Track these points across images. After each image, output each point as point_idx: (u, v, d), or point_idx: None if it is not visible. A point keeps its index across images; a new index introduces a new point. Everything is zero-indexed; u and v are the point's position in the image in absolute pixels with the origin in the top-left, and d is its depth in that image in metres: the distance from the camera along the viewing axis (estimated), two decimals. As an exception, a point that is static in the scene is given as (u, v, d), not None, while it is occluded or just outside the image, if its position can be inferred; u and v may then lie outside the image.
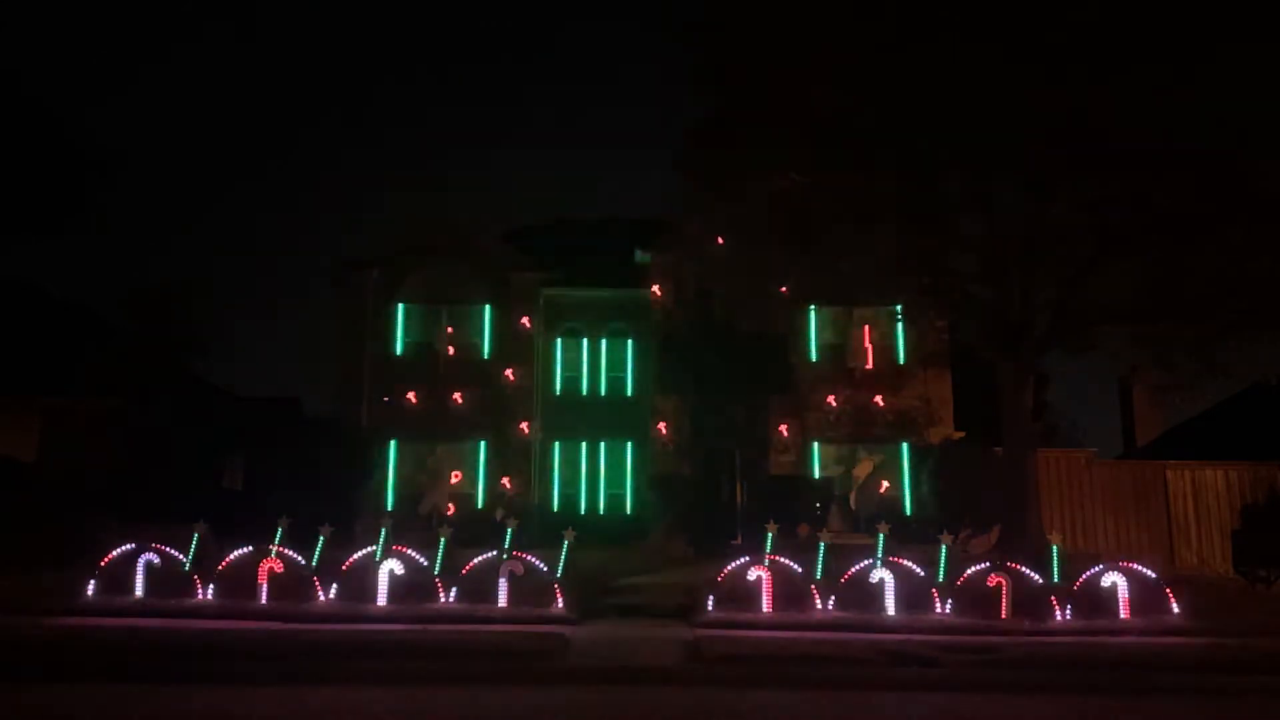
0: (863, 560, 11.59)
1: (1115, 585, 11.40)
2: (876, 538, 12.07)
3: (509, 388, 21.91)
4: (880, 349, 21.85)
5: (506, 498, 21.00)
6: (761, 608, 11.28)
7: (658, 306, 21.79)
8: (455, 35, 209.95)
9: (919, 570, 11.50)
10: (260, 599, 11.46)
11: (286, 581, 11.54)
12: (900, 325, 21.29)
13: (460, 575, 11.53)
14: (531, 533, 14.82)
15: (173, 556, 11.78)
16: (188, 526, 12.11)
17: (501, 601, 11.38)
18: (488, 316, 22.59)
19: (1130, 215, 14.72)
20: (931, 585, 11.41)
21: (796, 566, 11.50)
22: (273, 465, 20.56)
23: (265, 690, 8.00)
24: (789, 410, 21.30)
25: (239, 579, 11.59)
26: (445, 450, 21.80)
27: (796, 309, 21.38)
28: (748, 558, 11.69)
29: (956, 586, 11.36)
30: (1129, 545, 19.29)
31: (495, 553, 11.68)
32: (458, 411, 21.76)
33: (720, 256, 19.08)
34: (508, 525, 12.31)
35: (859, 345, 21.83)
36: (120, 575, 11.66)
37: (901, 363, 21.71)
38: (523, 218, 37.40)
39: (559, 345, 22.69)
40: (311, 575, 11.57)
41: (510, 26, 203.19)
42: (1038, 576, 11.44)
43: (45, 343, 21.66)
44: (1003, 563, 11.55)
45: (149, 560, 11.72)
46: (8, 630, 9.67)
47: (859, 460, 21.42)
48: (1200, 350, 15.23)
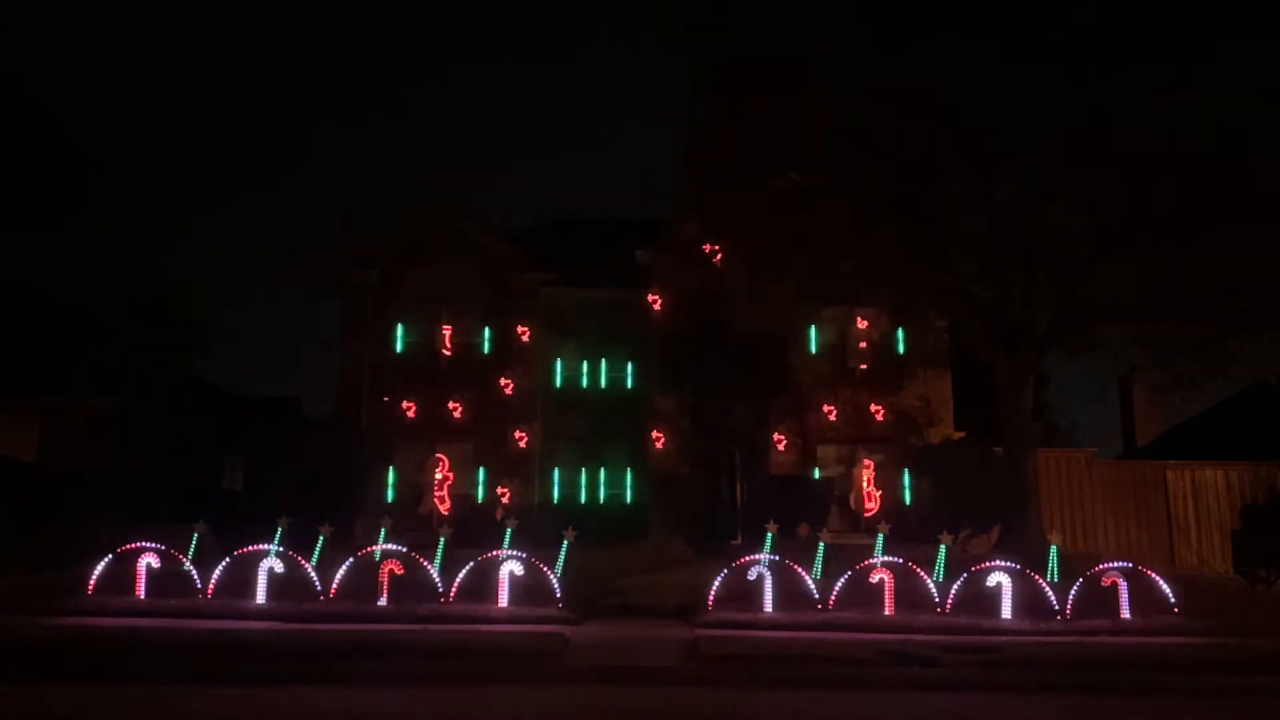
0: (863, 560, 11.61)
1: (1115, 585, 11.42)
2: (876, 538, 12.09)
3: (509, 388, 21.92)
4: (880, 349, 21.83)
5: (506, 498, 21.00)
6: (761, 608, 11.30)
7: (658, 306, 21.77)
8: (455, 35, 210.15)
9: (919, 570, 11.51)
10: (260, 599, 11.47)
11: (287, 581, 11.55)
12: (900, 325, 21.28)
13: (460, 575, 11.54)
14: (531, 533, 14.82)
15: (173, 557, 11.79)
16: (188, 526, 12.14)
17: (501, 601, 11.39)
18: (487, 317, 22.60)
19: (1130, 215, 14.74)
20: (931, 585, 11.42)
21: (796, 566, 11.51)
22: (273, 465, 20.60)
23: (265, 690, 7.98)
24: (789, 410, 21.29)
25: (239, 579, 11.61)
26: (445, 450, 21.80)
27: (796, 309, 21.36)
28: (748, 558, 11.70)
29: (956, 586, 11.37)
30: (1129, 545, 19.27)
31: (495, 553, 11.69)
32: (457, 411, 21.76)
33: (720, 256, 19.08)
34: (508, 525, 12.33)
35: (859, 345, 21.81)
36: (120, 575, 11.67)
37: (901, 363, 21.68)
38: (523, 218, 37.46)
39: (559, 345, 22.68)
40: (311, 575, 11.58)
41: (510, 26, 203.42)
42: (1038, 576, 11.45)
43: (45, 343, 21.65)
44: (1002, 563, 11.56)
45: (149, 560, 11.73)
46: (8, 630, 9.67)
47: (859, 460, 21.41)
48: (1200, 350, 15.24)
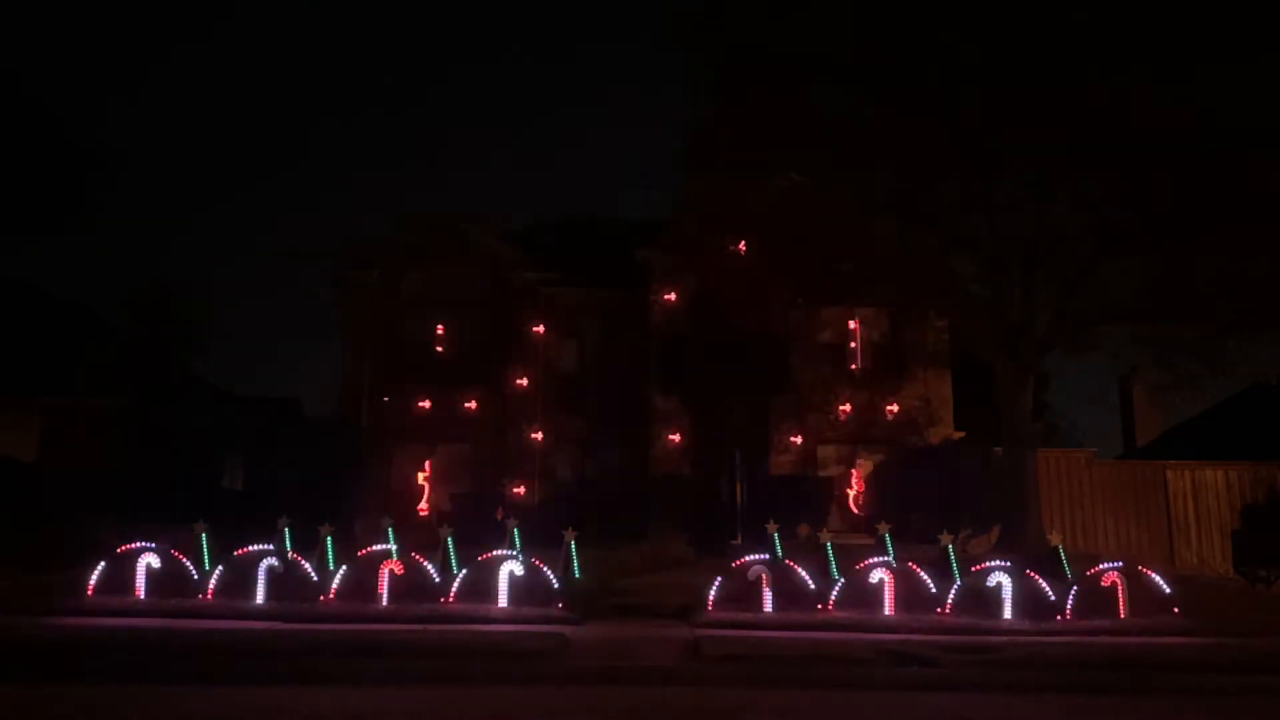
0: (862, 560, 11.60)
1: (1115, 585, 11.41)
2: (876, 538, 12.08)
3: (509, 387, 21.92)
4: (880, 349, 21.85)
5: (506, 498, 21.00)
6: (762, 608, 11.29)
7: (658, 306, 21.77)
8: (455, 34, 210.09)
9: (919, 570, 11.50)
10: (260, 599, 11.46)
11: (286, 581, 11.54)
12: (900, 325, 21.29)
13: (460, 575, 11.53)
14: (532, 532, 14.79)
15: (173, 556, 11.78)
16: (188, 526, 12.12)
17: (501, 601, 11.37)
18: (488, 316, 22.60)
19: (1130, 215, 14.75)
20: (931, 585, 11.41)
21: (797, 566, 11.51)
22: (273, 465, 20.62)
23: (265, 690, 7.98)
24: (789, 410, 21.30)
25: (239, 579, 11.60)
26: (445, 450, 21.80)
27: (796, 309, 21.37)
28: (748, 558, 11.69)
29: (956, 586, 11.36)
30: (1129, 545, 19.28)
31: (495, 552, 11.68)
32: (457, 411, 21.77)
33: (720, 256, 19.08)
34: (508, 525, 12.32)
35: (859, 345, 21.82)
36: (120, 575, 11.66)
37: (901, 363, 21.70)
38: (523, 217, 37.45)
39: (559, 345, 22.67)
40: (311, 575, 11.57)
41: (510, 26, 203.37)
42: (1037, 576, 11.45)
43: (45, 343, 21.67)
44: (1002, 562, 11.56)
45: (149, 560, 11.72)
46: (8, 630, 9.66)
47: (859, 460, 21.42)
48: (1200, 350, 15.25)
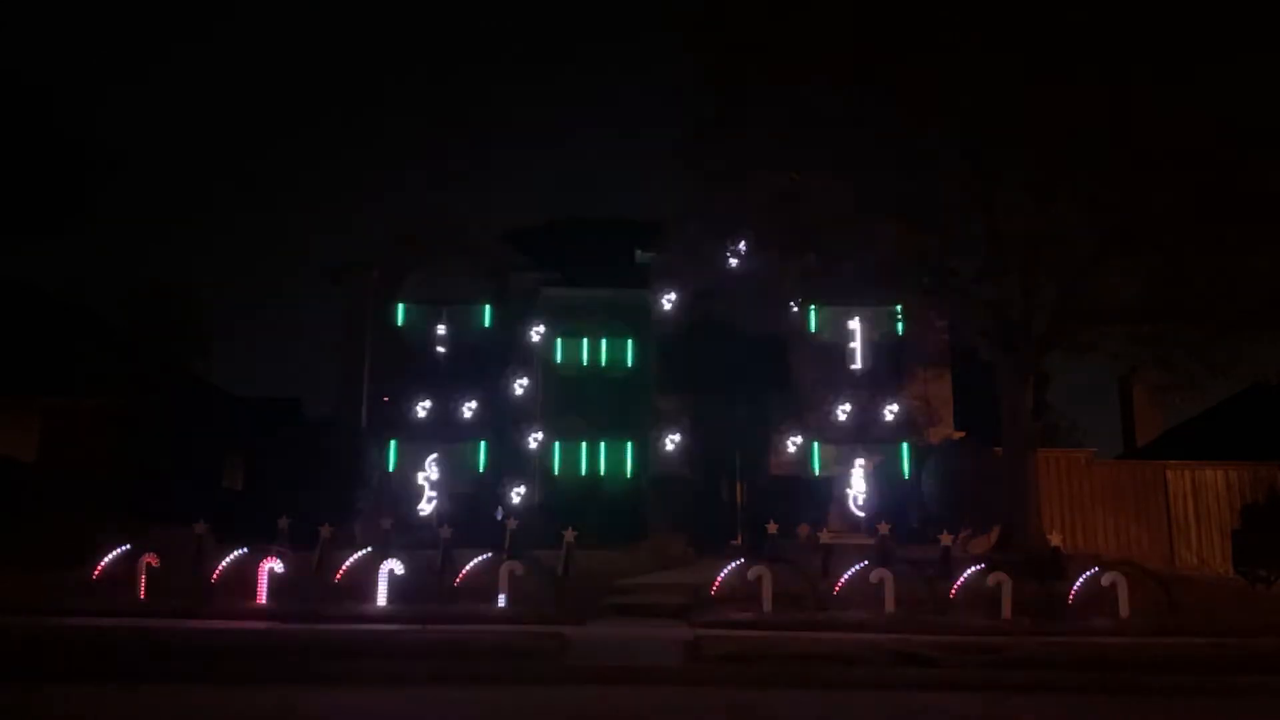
0: (862, 560, 11.60)
1: (1115, 585, 11.42)
2: (876, 538, 12.09)
3: (509, 387, 21.90)
4: (880, 349, 21.83)
5: (506, 498, 20.99)
6: (761, 607, 11.29)
7: (658, 307, 21.76)
8: (455, 34, 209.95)
9: (919, 570, 11.51)
10: (260, 599, 11.46)
11: (286, 581, 11.54)
12: (900, 325, 21.28)
13: (460, 575, 11.53)
14: (532, 532, 14.80)
15: (174, 556, 11.78)
16: (188, 526, 12.12)
17: (501, 601, 11.38)
18: (488, 317, 22.59)
19: (1130, 215, 14.73)
20: (931, 585, 11.42)
21: (797, 566, 11.51)
22: (273, 465, 20.58)
23: (265, 690, 7.98)
24: (789, 410, 21.27)
25: (239, 579, 11.61)
26: (445, 450, 21.79)
27: (796, 309, 21.36)
28: (748, 558, 11.70)
29: (957, 586, 11.36)
30: (1129, 545, 19.27)
31: (495, 553, 11.68)
32: (457, 411, 21.76)
33: (720, 256, 19.07)
34: (508, 525, 12.32)
35: (859, 345, 21.81)
36: (120, 575, 11.66)
37: (901, 363, 21.69)
38: (523, 217, 37.42)
39: (559, 345, 22.65)
40: (311, 575, 11.57)
41: (510, 26, 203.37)
42: (1038, 576, 11.45)
43: (45, 343, 21.64)
44: (1003, 563, 11.56)
45: (149, 560, 11.72)
46: (8, 630, 9.65)
47: (858, 460, 21.40)
48: (1200, 350, 15.23)
